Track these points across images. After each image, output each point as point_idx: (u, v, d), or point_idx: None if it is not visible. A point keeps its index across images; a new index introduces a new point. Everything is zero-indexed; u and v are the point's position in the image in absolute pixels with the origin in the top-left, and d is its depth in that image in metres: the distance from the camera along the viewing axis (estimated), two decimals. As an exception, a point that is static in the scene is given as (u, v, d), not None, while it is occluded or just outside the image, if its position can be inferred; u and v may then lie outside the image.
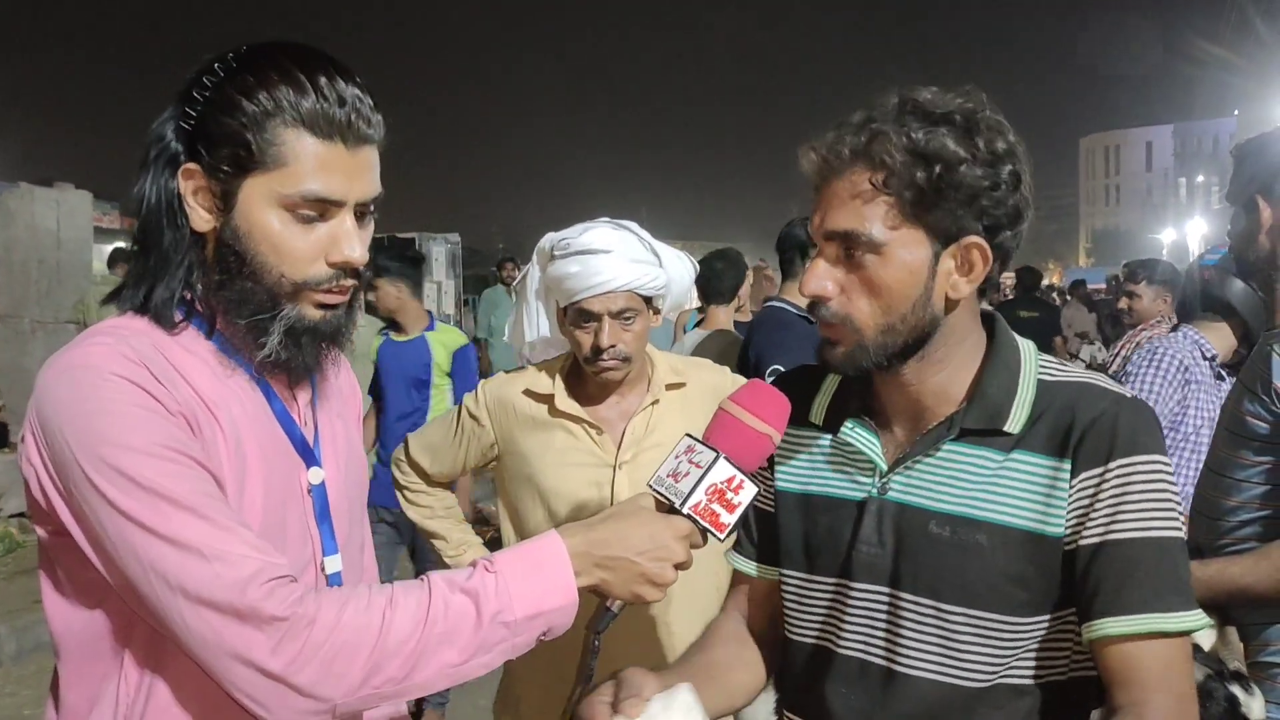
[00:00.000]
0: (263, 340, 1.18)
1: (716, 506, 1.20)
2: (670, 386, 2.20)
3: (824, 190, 1.26)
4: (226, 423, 1.17)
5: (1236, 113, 50.35)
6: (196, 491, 1.07)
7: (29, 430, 1.12)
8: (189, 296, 1.21)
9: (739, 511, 1.22)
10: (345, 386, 1.45)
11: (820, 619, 1.37)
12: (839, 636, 1.35)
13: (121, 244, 10.66)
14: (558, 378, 2.17)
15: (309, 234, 1.17)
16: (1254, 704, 1.74)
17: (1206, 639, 1.88)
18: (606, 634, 1.25)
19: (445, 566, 2.23)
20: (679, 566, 1.21)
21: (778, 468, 1.44)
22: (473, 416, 2.19)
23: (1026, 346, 1.33)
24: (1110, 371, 4.48)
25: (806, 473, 1.41)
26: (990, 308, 1.40)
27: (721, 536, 1.22)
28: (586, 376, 2.14)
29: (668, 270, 2.13)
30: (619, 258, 2.03)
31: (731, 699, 1.44)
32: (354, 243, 1.19)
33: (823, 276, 1.26)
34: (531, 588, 1.13)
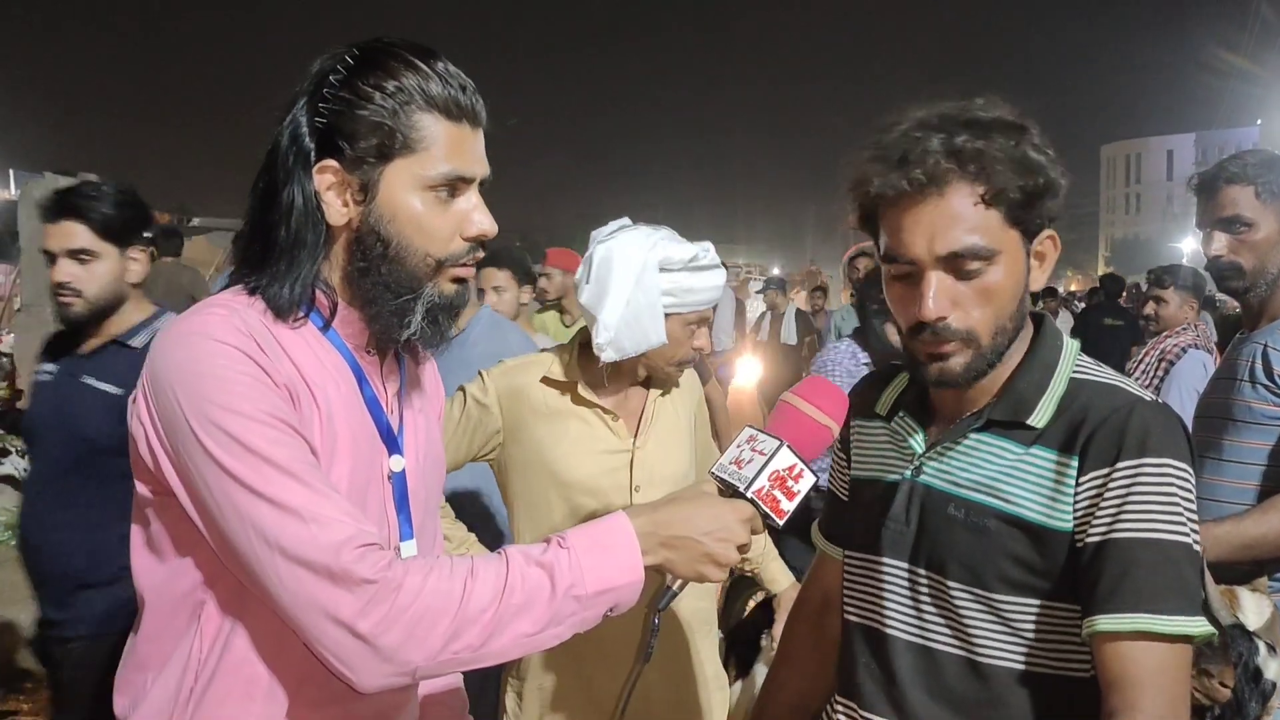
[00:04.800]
0: (408, 319, 1.26)
1: (778, 493, 1.26)
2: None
3: (920, 212, 1.26)
4: (323, 401, 1.23)
5: (1259, 122, 50.00)
6: (296, 458, 1.13)
7: (140, 390, 1.18)
8: (311, 290, 1.26)
9: (798, 500, 1.28)
10: (430, 384, 1.50)
11: (860, 595, 1.46)
12: (869, 610, 1.43)
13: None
14: (574, 367, 2.21)
15: (445, 212, 1.25)
16: (1271, 664, 1.85)
17: (1255, 619, 1.92)
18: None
19: None
20: (740, 549, 1.26)
21: (852, 458, 1.55)
22: (480, 403, 2.20)
23: (1069, 345, 1.37)
24: (1132, 378, 4.45)
25: (868, 459, 1.51)
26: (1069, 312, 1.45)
27: (780, 523, 1.27)
28: (597, 366, 2.19)
29: None
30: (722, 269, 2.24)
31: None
32: (485, 215, 1.28)
33: (943, 298, 1.27)
34: (602, 564, 1.19)
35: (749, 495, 1.25)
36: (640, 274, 2.12)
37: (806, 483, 1.28)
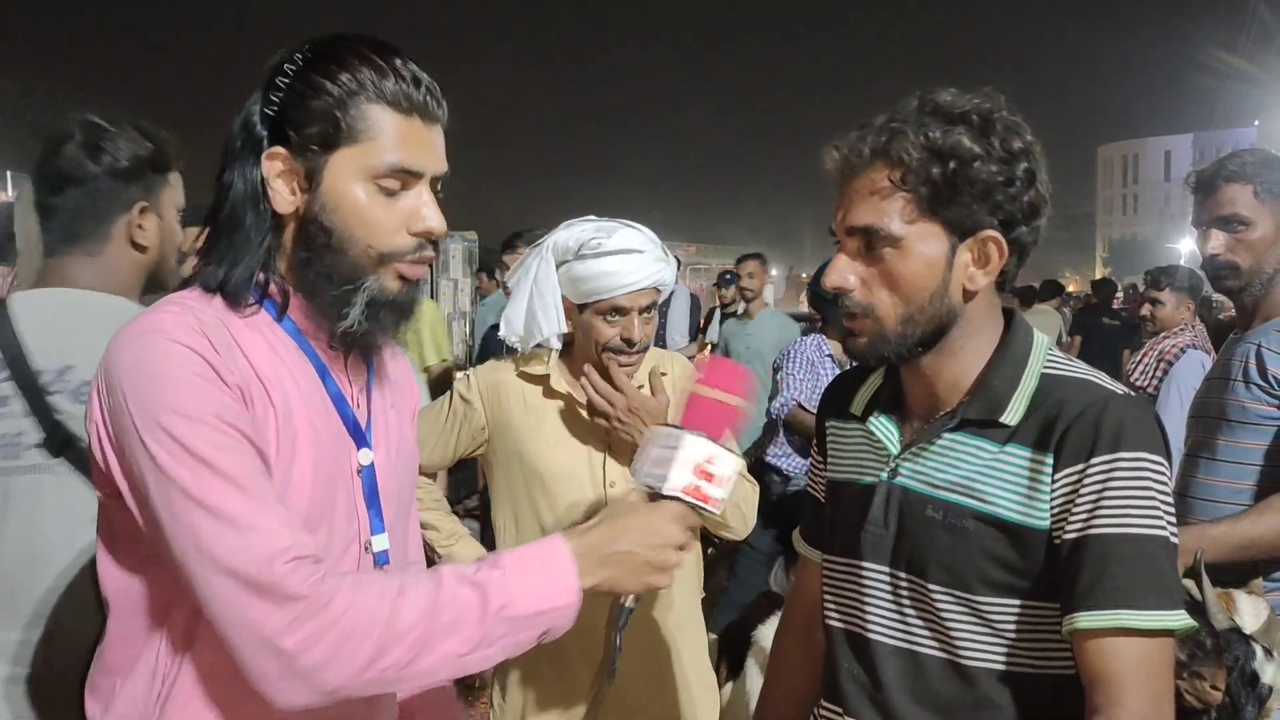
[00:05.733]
0: (346, 312, 1.23)
1: (702, 483, 1.24)
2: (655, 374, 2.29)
3: (845, 188, 1.32)
4: (279, 399, 1.21)
5: (1256, 123, 50.03)
6: (239, 464, 1.11)
7: (94, 389, 1.17)
8: (263, 279, 1.25)
9: (727, 485, 1.26)
10: (401, 379, 1.48)
11: (842, 599, 1.45)
12: (852, 615, 1.43)
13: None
14: (553, 360, 2.24)
15: (392, 205, 1.23)
16: (1268, 668, 1.84)
17: (1252, 622, 1.92)
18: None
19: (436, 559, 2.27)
20: (681, 549, 1.25)
21: (829, 459, 1.54)
22: (465, 400, 2.25)
23: (1039, 341, 1.37)
24: (1131, 379, 4.45)
25: (844, 461, 1.50)
26: (1015, 307, 1.43)
27: (715, 511, 1.26)
28: (578, 362, 2.21)
29: (670, 266, 2.25)
30: (649, 257, 2.15)
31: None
32: (433, 212, 1.25)
33: (844, 270, 1.32)
34: (536, 586, 1.17)
35: (672, 494, 1.23)
36: (538, 269, 2.18)
37: (728, 465, 1.25)
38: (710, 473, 1.24)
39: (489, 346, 5.85)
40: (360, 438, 1.32)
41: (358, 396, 1.35)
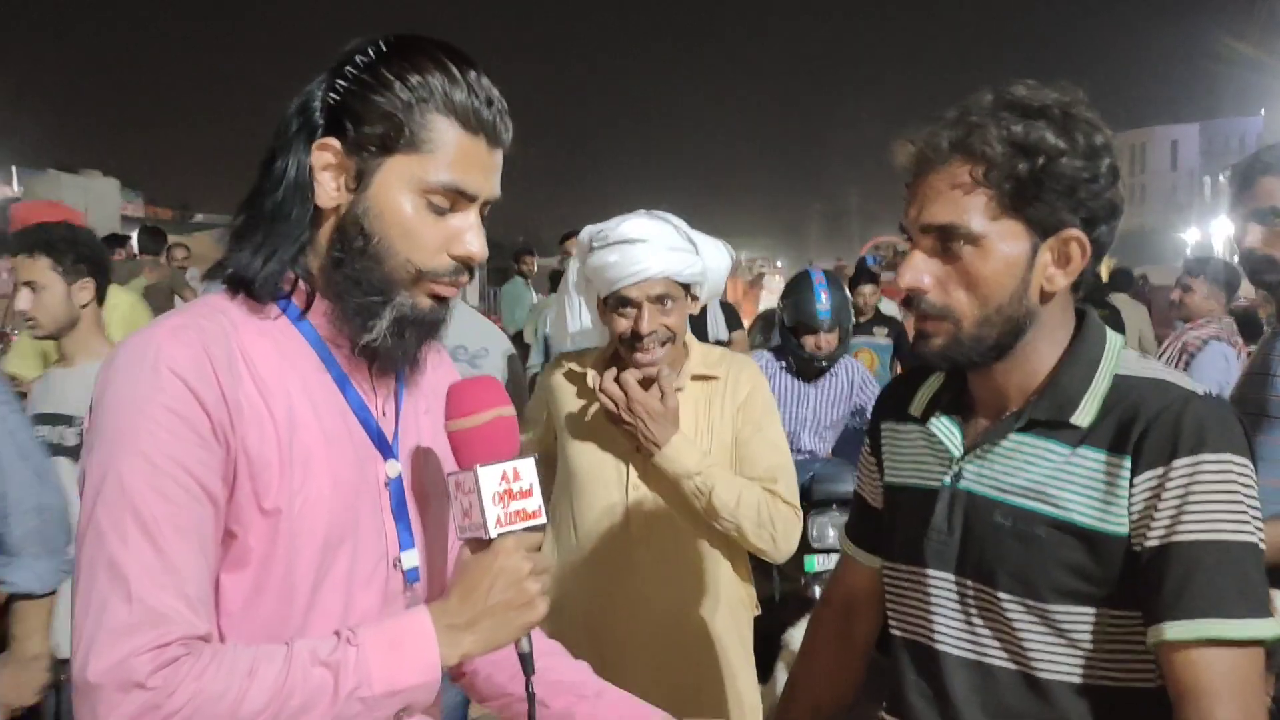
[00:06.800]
0: (371, 324, 1.18)
1: (515, 505, 1.19)
2: (697, 377, 2.22)
3: (919, 183, 1.26)
4: (281, 413, 1.16)
5: (1263, 111, 49.74)
6: (172, 515, 1.07)
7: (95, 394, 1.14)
8: (292, 276, 1.20)
9: (535, 489, 1.21)
10: (442, 386, 1.39)
11: (905, 608, 1.41)
12: (917, 625, 1.38)
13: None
14: (600, 360, 2.26)
15: (437, 223, 1.18)
16: None
17: None
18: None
19: None
20: (539, 573, 1.19)
21: (884, 463, 1.49)
22: (537, 396, 2.41)
23: (1113, 341, 1.31)
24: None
25: (902, 464, 1.45)
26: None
27: (542, 520, 1.21)
28: (622, 363, 2.19)
29: (704, 258, 2.18)
30: (656, 246, 2.08)
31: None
32: (478, 238, 1.21)
33: (920, 269, 1.26)
34: (392, 664, 1.11)
35: (495, 535, 1.18)
36: (573, 266, 2.22)
37: (528, 471, 1.20)
38: (515, 490, 1.19)
39: None
40: (386, 449, 1.27)
41: (384, 405, 1.29)
